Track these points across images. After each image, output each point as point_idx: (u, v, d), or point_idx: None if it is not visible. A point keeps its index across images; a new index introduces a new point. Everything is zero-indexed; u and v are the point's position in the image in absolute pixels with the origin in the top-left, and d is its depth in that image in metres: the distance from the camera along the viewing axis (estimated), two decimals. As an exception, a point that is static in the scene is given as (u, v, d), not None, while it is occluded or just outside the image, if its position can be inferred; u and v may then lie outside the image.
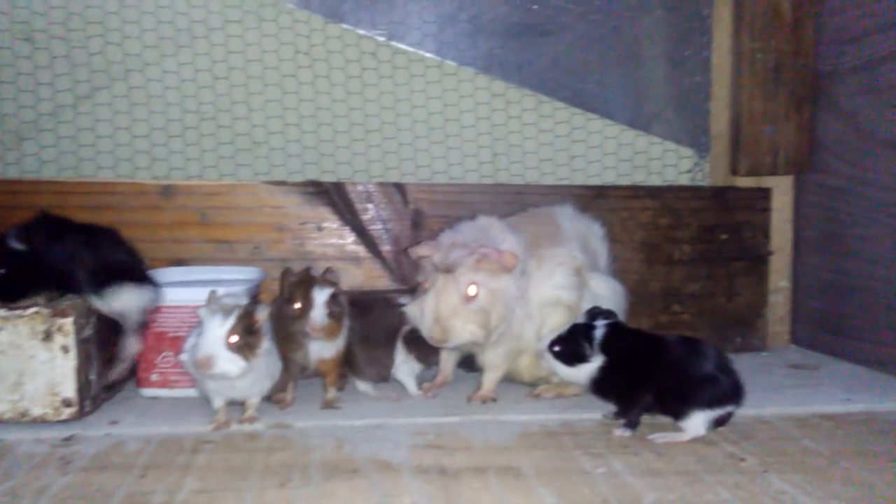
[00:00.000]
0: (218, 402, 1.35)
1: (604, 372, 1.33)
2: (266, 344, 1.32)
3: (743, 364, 1.78)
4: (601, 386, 1.35)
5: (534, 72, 2.06)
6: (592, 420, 1.39)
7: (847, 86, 1.82)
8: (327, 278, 1.43)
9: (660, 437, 1.29)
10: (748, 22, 1.94)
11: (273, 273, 1.80)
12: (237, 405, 1.37)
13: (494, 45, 2.05)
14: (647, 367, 1.32)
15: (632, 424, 1.32)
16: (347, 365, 1.53)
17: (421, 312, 1.40)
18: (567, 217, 1.60)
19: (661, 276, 1.91)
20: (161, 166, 1.99)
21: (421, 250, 1.46)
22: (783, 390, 1.58)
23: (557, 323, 1.44)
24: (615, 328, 1.36)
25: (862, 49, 1.77)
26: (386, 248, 1.85)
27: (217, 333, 1.26)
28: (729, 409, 1.30)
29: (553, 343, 1.36)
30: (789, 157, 1.94)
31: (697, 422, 1.28)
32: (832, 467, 1.16)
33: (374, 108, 2.04)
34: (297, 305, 1.39)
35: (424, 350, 1.51)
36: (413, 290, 1.61)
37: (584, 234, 1.61)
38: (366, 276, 1.85)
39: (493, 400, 1.48)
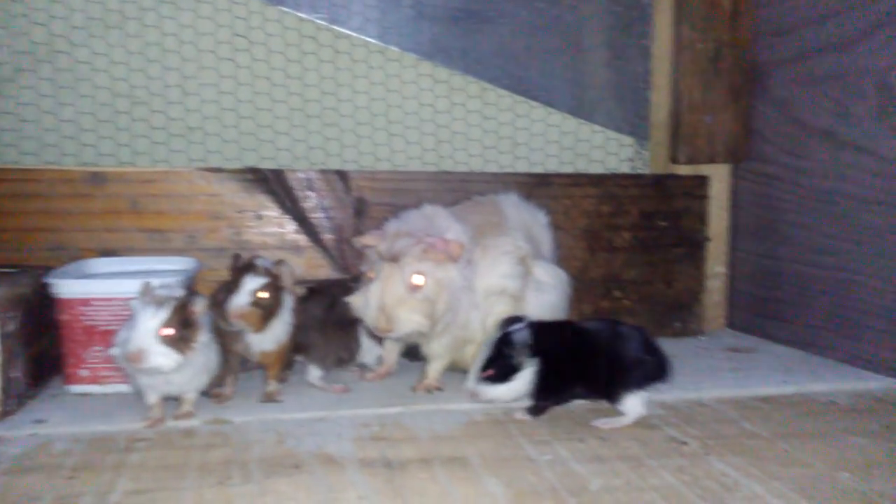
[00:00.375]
0: (152, 398, 1.30)
1: (540, 374, 1.29)
2: (203, 337, 1.28)
3: (681, 348, 1.84)
4: (542, 388, 1.30)
5: (477, 59, 2.05)
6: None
7: (782, 76, 1.85)
8: (268, 268, 1.39)
9: (604, 423, 1.29)
10: (688, 12, 1.96)
11: (209, 263, 1.75)
12: (173, 401, 1.33)
13: (438, 31, 2.03)
14: (578, 358, 1.31)
15: (539, 411, 1.32)
16: (305, 353, 1.51)
17: (366, 302, 1.38)
18: (511, 205, 1.59)
19: (602, 262, 1.92)
20: (90, 152, 1.90)
21: (365, 240, 1.44)
22: (721, 373, 1.61)
23: (502, 311, 1.43)
24: (535, 328, 1.32)
25: (797, 40, 1.81)
26: (328, 236, 1.82)
27: (149, 326, 1.22)
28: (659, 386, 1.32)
29: (482, 370, 1.30)
30: (727, 145, 1.98)
31: (634, 402, 1.29)
32: (771, 448, 1.18)
33: (314, 94, 2.00)
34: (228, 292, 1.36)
35: None
36: (357, 279, 1.59)
37: (528, 222, 1.61)
38: (307, 265, 1.81)
39: (439, 389, 1.47)
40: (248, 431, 1.26)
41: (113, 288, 1.45)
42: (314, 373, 1.53)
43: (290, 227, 1.80)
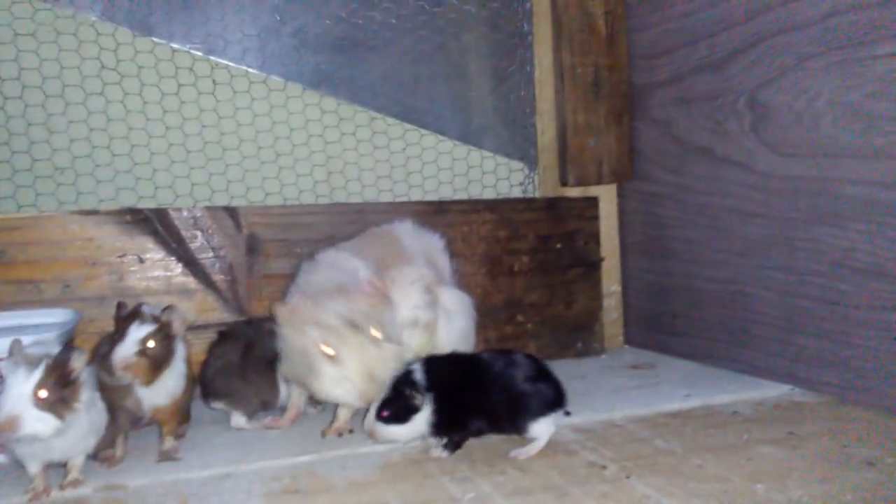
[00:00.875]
0: (34, 468, 1.17)
1: (439, 411, 1.27)
2: (86, 395, 1.17)
3: (586, 368, 1.86)
4: (440, 425, 1.27)
5: (364, 87, 2.02)
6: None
7: (660, 97, 1.93)
8: (155, 315, 1.30)
9: (519, 453, 1.27)
10: (567, 37, 2.01)
11: (89, 313, 1.62)
12: (59, 468, 1.20)
13: (321, 60, 1.98)
14: (473, 390, 1.29)
15: (454, 447, 1.29)
16: (227, 400, 1.45)
17: (341, 381, 1.27)
18: (408, 233, 1.56)
19: (503, 287, 1.92)
20: (-56, 199, 1.73)
21: (300, 310, 1.32)
22: (627, 392, 1.63)
23: (418, 345, 1.40)
24: (431, 363, 1.30)
25: (671, 62, 1.88)
26: (219, 277, 1.72)
27: (22, 390, 1.09)
28: (561, 412, 1.32)
29: (379, 411, 1.27)
30: (612, 166, 2.03)
31: (542, 427, 1.28)
32: (686, 465, 1.20)
33: (194, 127, 1.90)
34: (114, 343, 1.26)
35: None
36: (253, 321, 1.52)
37: (426, 248, 1.58)
38: (198, 308, 1.70)
39: (350, 431, 1.41)
40: (147, 496, 1.16)
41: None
42: (238, 419, 1.46)
43: (177, 270, 1.70)
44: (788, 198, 1.58)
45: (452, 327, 1.49)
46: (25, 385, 1.10)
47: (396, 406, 1.26)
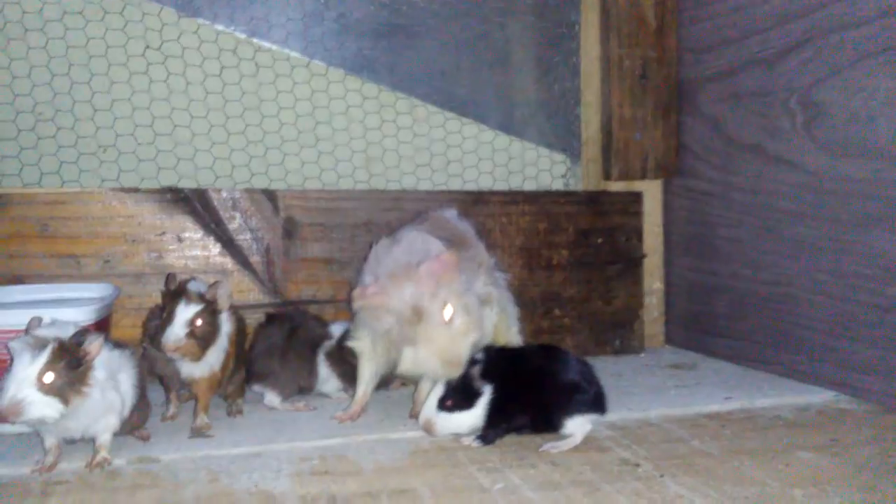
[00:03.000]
0: (49, 441, 1.17)
1: (496, 400, 1.26)
2: (100, 377, 1.15)
3: (623, 366, 1.83)
4: (496, 415, 1.27)
5: (406, 74, 2.00)
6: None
7: (709, 92, 1.88)
8: (202, 293, 1.30)
9: (552, 447, 1.25)
10: (615, 28, 1.96)
11: (127, 289, 1.64)
12: (89, 442, 1.21)
13: (364, 46, 1.97)
14: (528, 384, 1.28)
15: (490, 439, 1.28)
16: (264, 381, 1.48)
17: (423, 362, 1.27)
18: (456, 220, 1.55)
19: (540, 280, 1.89)
20: (-9, 173, 1.76)
21: (372, 300, 1.29)
22: (666, 391, 1.59)
23: (493, 322, 1.42)
24: (490, 351, 1.31)
25: (721, 57, 1.83)
26: (256, 259, 1.72)
27: (27, 373, 1.08)
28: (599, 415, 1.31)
29: (441, 402, 1.27)
30: (658, 161, 1.99)
31: (579, 423, 1.27)
32: (723, 467, 1.16)
33: (236, 109, 1.90)
34: (161, 320, 1.29)
35: (346, 367, 1.48)
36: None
37: (473, 235, 1.57)
38: (235, 289, 1.69)
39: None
40: (178, 470, 1.16)
41: (19, 319, 1.31)
42: (272, 398, 1.48)
43: (214, 250, 1.70)
44: (840, 199, 1.52)
45: (509, 311, 1.50)
46: (30, 368, 1.08)
47: (455, 393, 1.26)
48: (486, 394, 1.26)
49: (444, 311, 1.26)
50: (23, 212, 1.59)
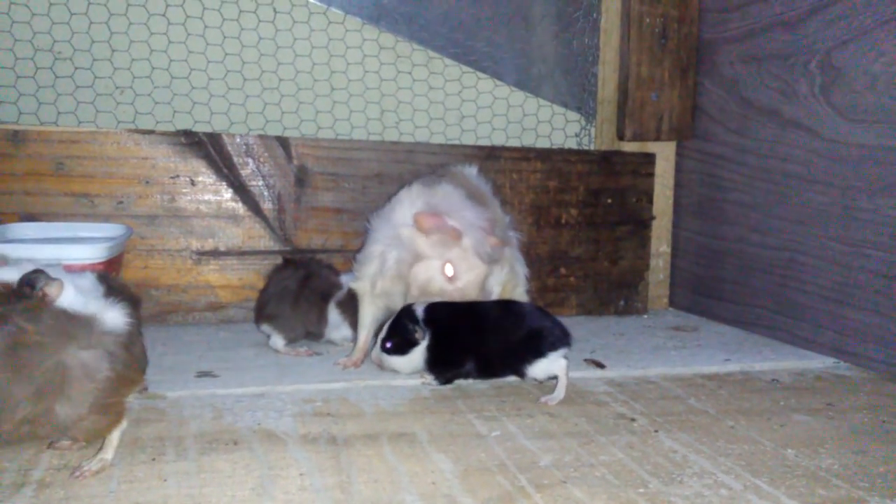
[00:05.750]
0: None
1: (434, 347, 1.32)
2: None
3: (626, 326, 1.84)
4: (435, 362, 1.33)
5: (424, 25, 1.99)
6: (485, 383, 1.36)
7: (729, 54, 1.86)
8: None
9: (550, 399, 1.27)
10: (637, -15, 1.94)
11: (140, 231, 1.66)
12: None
13: (383, -5, 1.96)
14: (469, 332, 1.32)
15: (445, 381, 1.34)
16: (272, 322, 1.51)
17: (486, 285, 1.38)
18: (475, 177, 1.56)
19: (548, 238, 1.90)
20: (9, 111, 1.77)
21: (449, 231, 1.36)
22: (666, 352, 1.61)
23: (503, 281, 1.46)
24: (433, 304, 1.34)
25: (743, 18, 1.81)
26: (267, 205, 1.74)
27: None
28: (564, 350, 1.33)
29: (384, 342, 1.34)
30: (673, 123, 1.98)
31: (549, 363, 1.29)
32: (718, 425, 1.18)
33: (252, 55, 1.91)
34: None
35: (356, 317, 1.49)
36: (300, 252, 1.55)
37: (490, 193, 1.59)
38: (245, 235, 1.73)
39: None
40: (183, 407, 1.19)
41: (34, 254, 1.34)
42: (278, 341, 1.51)
43: (227, 195, 1.72)
44: (853, 166, 1.51)
45: (518, 270, 1.52)
46: None
47: (396, 338, 1.33)
48: (424, 343, 1.32)
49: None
50: (39, 149, 1.61)
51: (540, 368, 1.30)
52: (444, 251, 1.35)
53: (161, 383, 1.30)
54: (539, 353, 1.29)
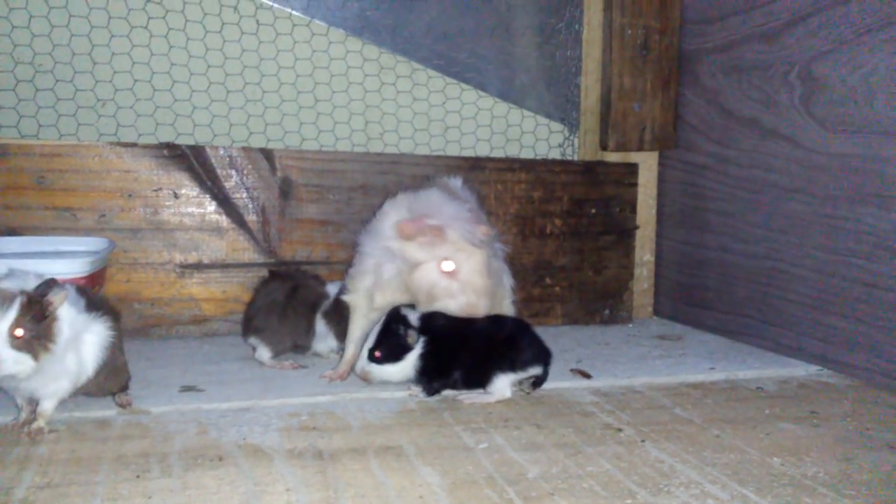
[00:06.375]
0: (18, 400, 1.15)
1: (427, 354, 1.31)
2: (64, 335, 1.09)
3: (611, 336, 1.85)
4: (426, 371, 1.32)
5: (407, 37, 1.99)
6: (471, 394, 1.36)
7: (710, 65, 1.87)
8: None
9: (468, 398, 1.31)
10: (619, -3, 1.95)
11: (122, 245, 1.65)
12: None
13: (366, 7, 1.96)
14: (462, 340, 1.33)
15: (433, 392, 1.34)
16: (259, 334, 1.50)
17: (459, 290, 1.33)
18: (461, 189, 1.56)
19: (533, 248, 1.90)
20: (-11, 123, 1.76)
21: (430, 230, 1.34)
22: (651, 360, 1.62)
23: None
24: (427, 314, 1.34)
25: (724, 30, 1.83)
26: (251, 218, 1.73)
27: None
28: (533, 371, 1.34)
29: (372, 351, 1.32)
30: (655, 133, 1.99)
31: (500, 385, 1.31)
32: (703, 435, 1.18)
33: (235, 67, 1.90)
34: None
35: (343, 327, 1.49)
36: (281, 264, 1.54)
37: (476, 205, 1.59)
38: (229, 248, 1.72)
39: None
40: (168, 422, 1.18)
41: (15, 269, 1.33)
42: (264, 354, 1.50)
43: (210, 207, 1.71)
44: (833, 175, 1.53)
45: (505, 282, 1.52)
46: (2, 324, 1.03)
47: (386, 345, 1.31)
48: (417, 349, 1.31)
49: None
50: (20, 163, 1.59)
51: (498, 385, 1.32)
52: (433, 250, 1.33)
53: (145, 398, 1.28)
54: (502, 369, 1.31)
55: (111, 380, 1.23)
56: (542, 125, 2.11)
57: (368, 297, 1.40)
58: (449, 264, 1.32)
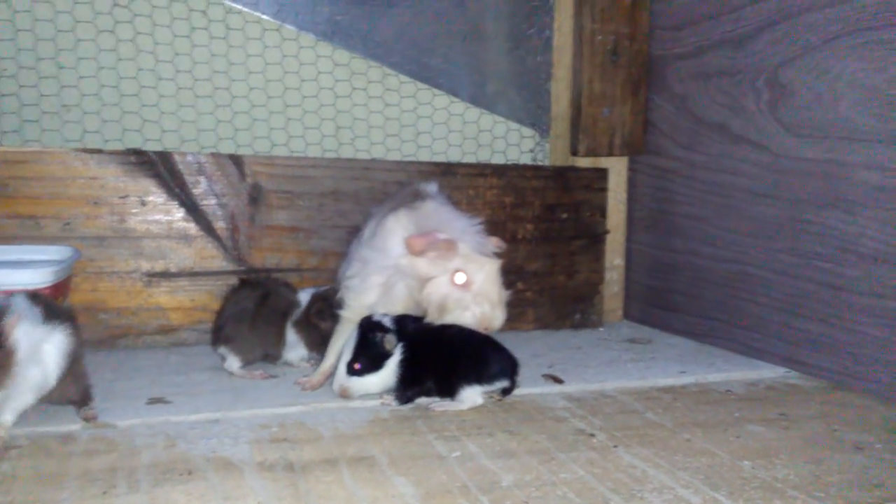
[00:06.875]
0: None
1: (406, 361, 1.30)
2: (22, 355, 1.07)
3: (582, 340, 1.85)
4: (406, 378, 1.31)
5: (379, 42, 1.98)
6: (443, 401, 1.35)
7: (679, 70, 1.89)
8: None
9: (438, 406, 1.30)
10: (589, 3, 1.96)
11: (88, 253, 1.62)
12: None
13: (337, 11, 1.95)
14: (436, 347, 1.32)
15: (406, 400, 1.32)
16: (229, 343, 1.47)
17: (470, 302, 1.33)
18: (439, 195, 1.56)
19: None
20: (-51, 129, 1.72)
21: (442, 245, 1.33)
22: (622, 364, 1.62)
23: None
24: (399, 317, 1.33)
25: (692, 36, 1.84)
26: (220, 225, 1.71)
27: None
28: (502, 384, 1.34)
29: (351, 364, 1.30)
30: (625, 138, 2.00)
31: (468, 394, 1.31)
32: (675, 439, 1.19)
33: (204, 72, 1.88)
34: None
35: (313, 336, 1.49)
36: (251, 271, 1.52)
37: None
38: (198, 255, 1.70)
39: None
40: (135, 436, 1.16)
41: (-24, 280, 1.30)
42: (234, 363, 1.48)
43: (178, 215, 1.69)
44: (800, 180, 1.55)
45: None
46: None
47: (364, 355, 1.29)
48: (396, 356, 1.30)
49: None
50: (-19, 170, 1.56)
51: (466, 395, 1.31)
52: (446, 264, 1.33)
53: (111, 411, 1.26)
54: (469, 380, 1.31)
55: (72, 387, 1.20)
56: (513, 130, 2.12)
57: (368, 312, 1.38)
58: (461, 276, 1.32)
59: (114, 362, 1.55)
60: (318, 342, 1.51)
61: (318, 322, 1.50)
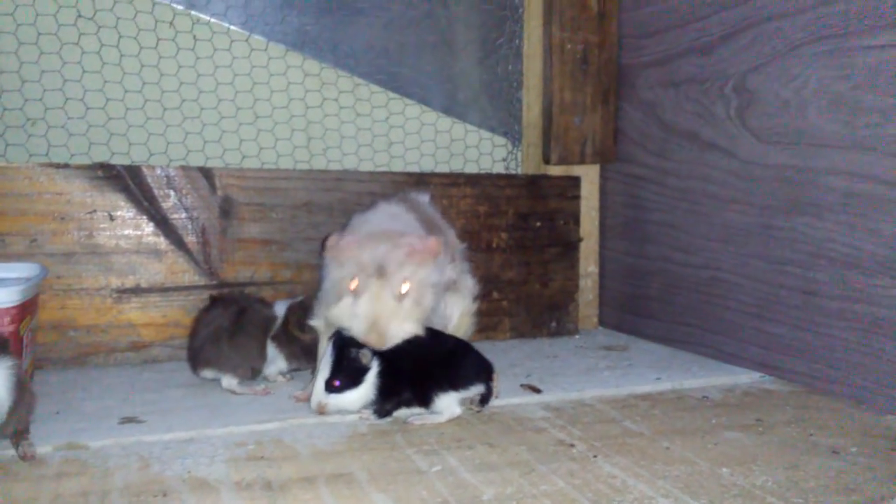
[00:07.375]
0: None
1: (383, 373, 1.28)
2: None
3: (559, 348, 1.86)
4: (385, 390, 1.29)
5: (349, 52, 1.98)
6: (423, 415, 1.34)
7: (648, 78, 1.91)
8: None
9: (417, 419, 1.30)
10: (558, 13, 1.97)
11: (56, 270, 1.59)
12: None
13: (306, 22, 1.93)
14: (412, 358, 1.30)
15: (386, 414, 1.31)
16: (215, 366, 1.45)
17: (352, 316, 1.27)
18: (428, 205, 1.55)
19: (480, 263, 1.90)
20: None
21: (344, 249, 1.29)
22: (599, 372, 1.63)
23: (461, 311, 1.47)
24: None
25: (660, 44, 1.86)
26: (191, 239, 1.69)
27: None
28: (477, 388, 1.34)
29: (329, 382, 1.27)
30: (596, 146, 2.01)
31: (445, 403, 1.30)
32: (654, 447, 1.19)
33: (172, 84, 1.85)
34: None
35: (293, 349, 1.48)
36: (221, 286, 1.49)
37: (442, 221, 1.59)
38: (168, 270, 1.67)
39: None
40: (108, 457, 1.14)
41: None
42: (230, 381, 1.46)
43: (147, 229, 1.66)
44: (769, 185, 1.57)
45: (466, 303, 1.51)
46: None
47: (341, 371, 1.27)
48: (374, 370, 1.28)
49: (402, 284, 1.27)
50: (-57, 187, 1.52)
51: (443, 404, 1.31)
52: (344, 269, 1.30)
53: (82, 432, 1.23)
54: (443, 388, 1.30)
55: (20, 420, 1.14)
56: (485, 139, 2.12)
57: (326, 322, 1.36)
58: (354, 282, 1.28)
59: (84, 381, 1.52)
60: (299, 354, 1.49)
61: (299, 333, 1.48)
